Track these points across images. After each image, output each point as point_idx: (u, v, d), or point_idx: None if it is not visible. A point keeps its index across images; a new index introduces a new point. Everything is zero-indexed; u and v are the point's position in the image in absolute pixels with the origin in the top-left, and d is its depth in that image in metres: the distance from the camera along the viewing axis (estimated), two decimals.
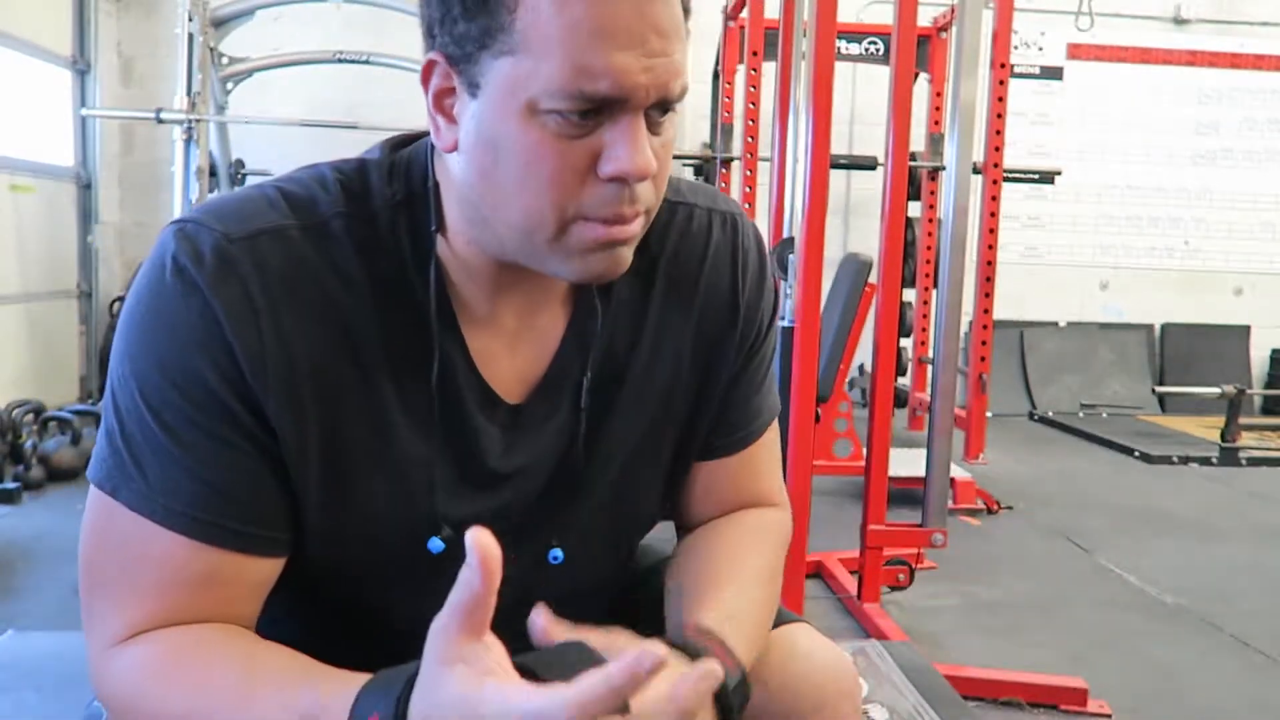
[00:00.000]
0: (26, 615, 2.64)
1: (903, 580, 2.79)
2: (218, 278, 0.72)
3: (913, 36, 2.58)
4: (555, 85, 0.67)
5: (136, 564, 0.74)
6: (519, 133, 0.69)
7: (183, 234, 0.74)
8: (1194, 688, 2.46)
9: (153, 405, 0.73)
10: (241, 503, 0.74)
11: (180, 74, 4.96)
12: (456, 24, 0.70)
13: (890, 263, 2.57)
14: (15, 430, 4.00)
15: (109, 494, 0.74)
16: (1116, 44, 6.67)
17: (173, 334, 0.72)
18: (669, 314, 0.88)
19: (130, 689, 0.74)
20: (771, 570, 0.93)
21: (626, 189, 0.71)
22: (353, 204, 0.78)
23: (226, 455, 0.73)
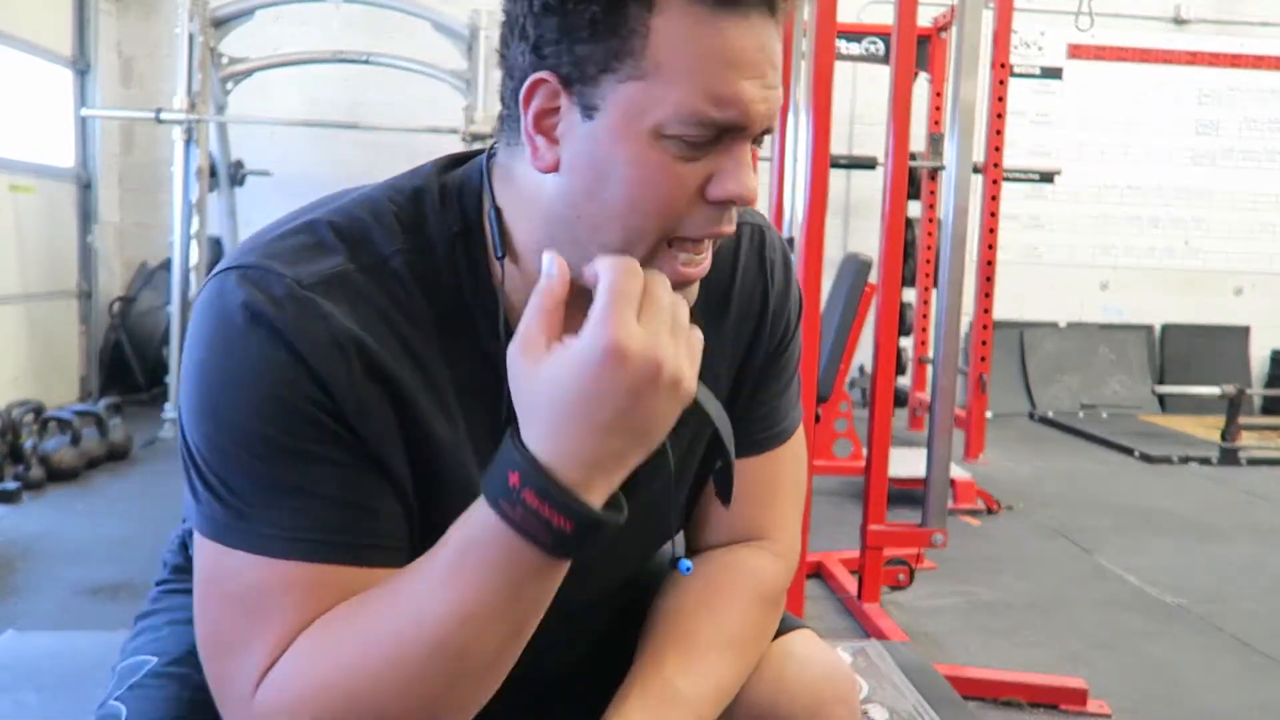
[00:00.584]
0: (26, 615, 2.64)
1: (903, 580, 2.79)
2: (300, 322, 0.71)
3: (913, 36, 2.59)
4: (685, 112, 0.69)
5: (271, 601, 0.71)
6: (638, 155, 0.71)
7: (248, 280, 0.73)
8: (1194, 688, 2.46)
9: (258, 451, 0.71)
10: (367, 515, 0.74)
11: (180, 74, 4.96)
12: (578, 46, 0.70)
13: (890, 263, 2.57)
14: (15, 430, 4.00)
15: (230, 546, 0.72)
16: (1116, 44, 6.68)
17: (260, 378, 0.71)
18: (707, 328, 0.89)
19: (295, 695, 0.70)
20: (748, 630, 0.90)
21: (726, 210, 0.75)
22: (409, 237, 0.78)
23: (342, 473, 0.73)
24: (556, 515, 0.66)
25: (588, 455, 0.66)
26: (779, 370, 0.95)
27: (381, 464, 0.75)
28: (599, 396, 0.65)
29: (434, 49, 5.39)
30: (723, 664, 0.86)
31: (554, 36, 0.70)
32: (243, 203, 5.76)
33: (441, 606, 0.68)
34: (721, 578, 0.91)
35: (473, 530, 0.68)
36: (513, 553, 0.67)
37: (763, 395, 0.95)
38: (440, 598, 0.68)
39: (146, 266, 5.99)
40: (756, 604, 0.91)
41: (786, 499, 0.98)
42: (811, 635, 0.98)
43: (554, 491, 0.65)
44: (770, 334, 0.93)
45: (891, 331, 2.64)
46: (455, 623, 0.68)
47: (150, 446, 4.62)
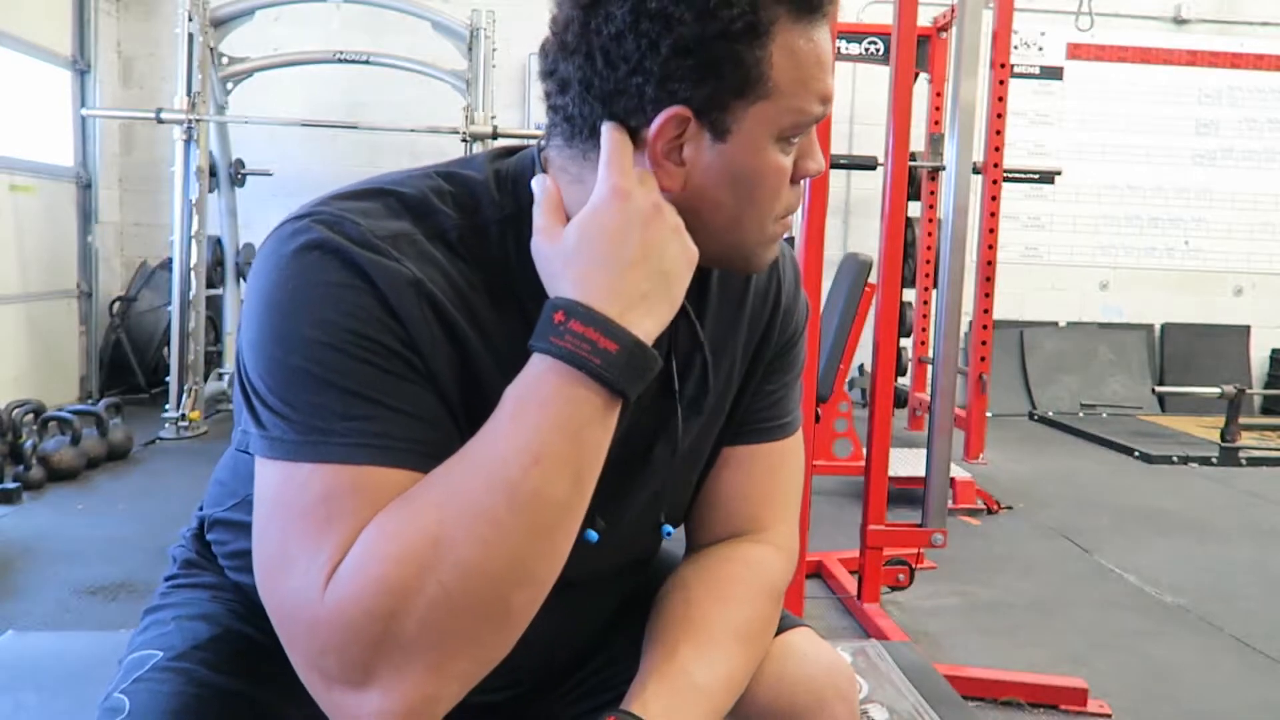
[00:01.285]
0: (26, 615, 2.64)
1: (903, 580, 2.79)
2: (377, 261, 0.75)
3: (913, 36, 2.59)
4: (803, 115, 0.81)
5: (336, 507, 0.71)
6: (767, 160, 0.81)
7: (324, 224, 0.76)
8: (1194, 688, 2.46)
9: (328, 364, 0.73)
10: (427, 424, 0.76)
11: (180, 74, 4.97)
12: (708, 81, 0.78)
13: (890, 263, 2.57)
14: (15, 430, 4.00)
15: (301, 461, 0.72)
16: (1116, 44, 6.68)
17: (338, 303, 0.74)
18: (723, 319, 0.96)
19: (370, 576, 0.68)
20: (755, 624, 0.91)
21: (802, 184, 0.87)
22: (466, 217, 0.83)
23: (404, 387, 0.75)
24: (602, 337, 0.72)
25: (617, 289, 0.74)
26: (786, 365, 1.01)
27: (444, 397, 0.78)
28: (614, 231, 0.75)
29: (434, 49, 5.39)
30: (735, 654, 0.88)
31: (688, 75, 0.77)
32: (243, 203, 5.76)
33: (510, 452, 0.71)
34: (727, 571, 0.93)
35: (527, 378, 0.73)
36: (567, 384, 0.72)
37: (769, 386, 0.99)
38: (507, 445, 0.71)
39: (146, 266, 5.99)
40: (761, 598, 0.93)
41: (787, 494, 1.01)
42: (811, 633, 0.99)
43: (598, 317, 0.73)
44: (781, 330, 0.99)
45: (891, 331, 2.64)
46: (527, 462, 0.70)
47: (150, 446, 4.62)
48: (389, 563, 0.68)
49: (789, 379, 1.02)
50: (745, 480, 0.98)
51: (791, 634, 0.97)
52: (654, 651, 0.86)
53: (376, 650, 0.67)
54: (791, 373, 1.02)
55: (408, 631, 0.67)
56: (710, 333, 0.94)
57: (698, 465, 0.97)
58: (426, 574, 0.67)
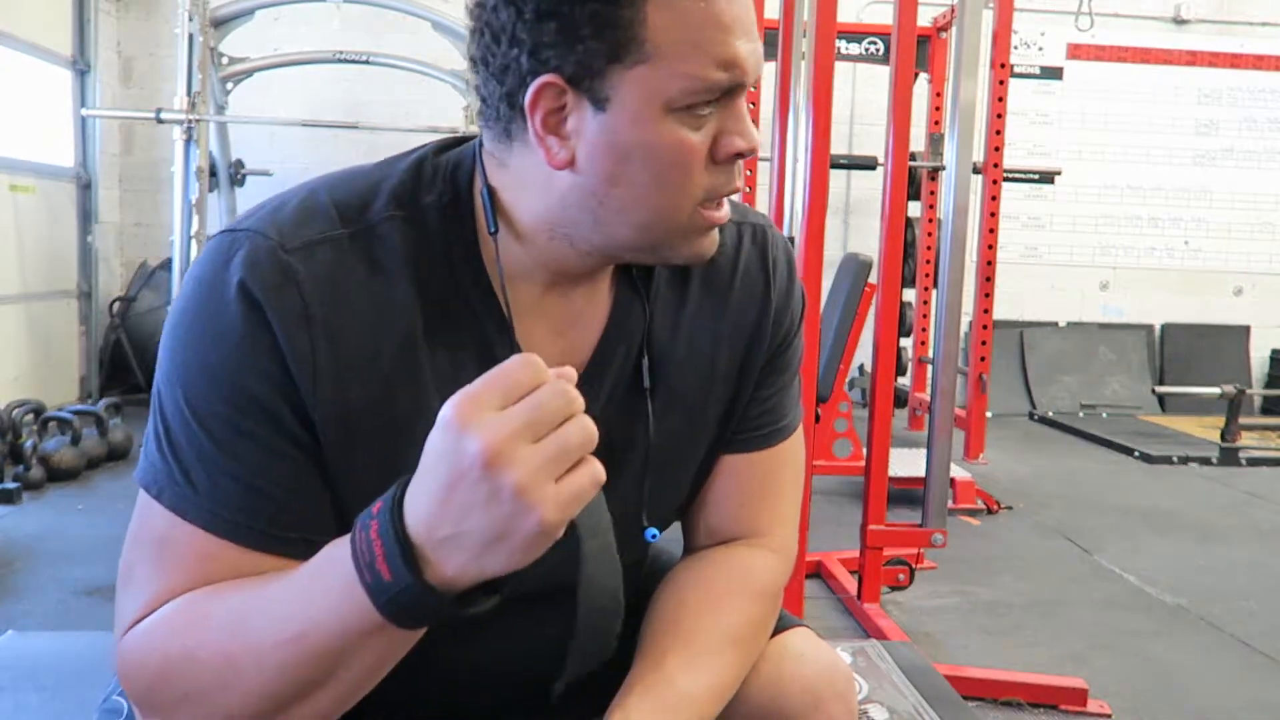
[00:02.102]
0: (26, 615, 2.64)
1: (903, 580, 2.79)
2: (273, 288, 0.73)
3: (913, 36, 2.59)
4: (694, 81, 0.73)
5: (170, 555, 0.74)
6: (657, 134, 0.74)
7: (236, 242, 0.75)
8: (1194, 688, 2.46)
9: (199, 413, 0.74)
10: (287, 508, 0.75)
11: (180, 74, 4.96)
12: (581, 44, 0.72)
13: (890, 263, 2.57)
14: (15, 430, 4.00)
15: (154, 498, 0.75)
16: (1116, 44, 6.68)
17: (222, 342, 0.73)
18: (703, 316, 0.91)
19: (143, 653, 0.73)
20: (748, 629, 0.90)
21: (734, 166, 0.78)
22: (402, 208, 0.80)
23: (273, 462, 0.74)
24: (383, 556, 0.63)
25: (426, 517, 0.63)
26: (782, 367, 0.97)
27: (318, 455, 0.76)
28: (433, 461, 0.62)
29: (434, 49, 5.39)
30: (724, 662, 0.86)
31: (554, 39, 0.72)
32: (243, 203, 5.75)
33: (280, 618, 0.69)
34: (720, 575, 0.92)
35: (340, 542, 0.68)
36: (346, 583, 0.65)
37: (765, 391, 0.95)
38: (284, 610, 0.69)
39: (146, 266, 5.99)
40: (755, 601, 0.92)
41: (784, 497, 0.99)
42: (809, 633, 0.98)
43: (389, 532, 0.63)
44: (773, 332, 0.94)
45: (891, 331, 2.64)
46: (284, 638, 0.68)
47: None
48: (156, 656, 0.72)
49: (784, 380, 0.98)
50: (740, 487, 0.96)
51: (789, 634, 0.96)
52: (641, 659, 0.85)
53: (141, 704, 0.75)
54: (787, 373, 0.98)
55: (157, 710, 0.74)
56: (689, 329, 0.90)
57: (682, 467, 0.94)
58: (173, 685, 0.72)
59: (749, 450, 0.95)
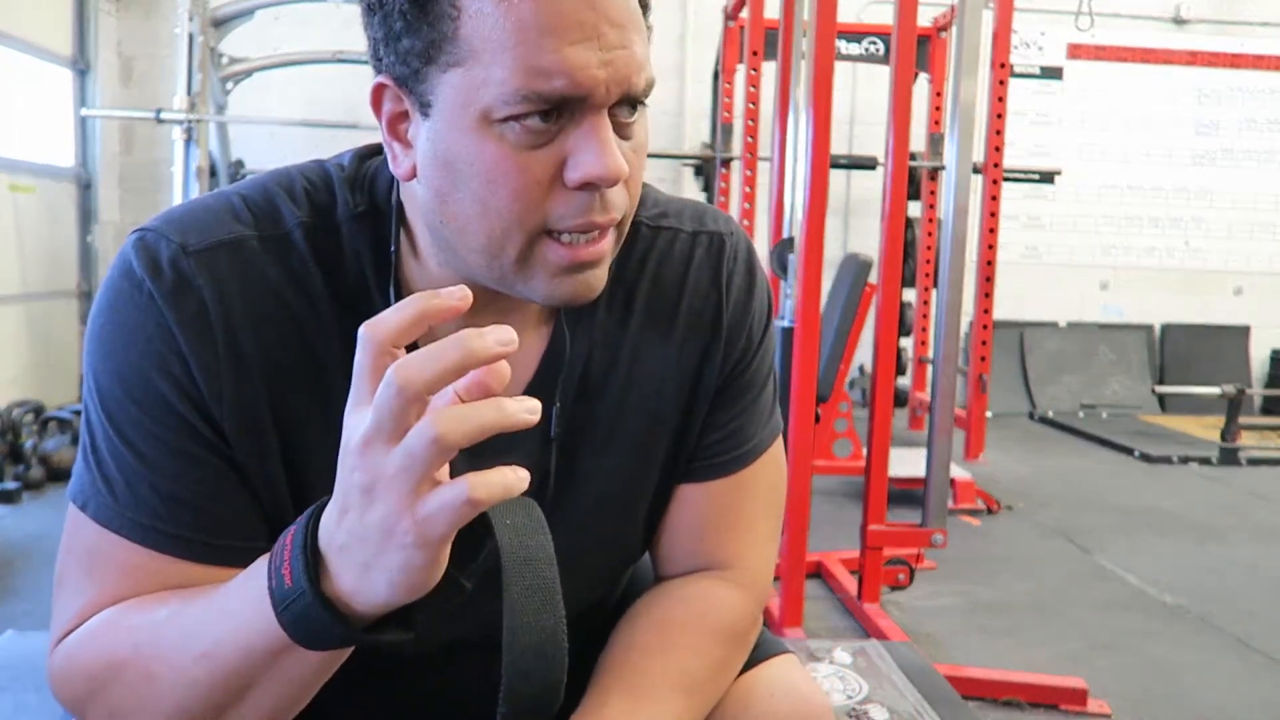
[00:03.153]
0: (26, 615, 2.64)
1: (903, 580, 2.79)
2: (174, 291, 0.70)
3: (913, 36, 2.58)
4: (509, 89, 0.64)
5: (98, 567, 0.73)
6: (476, 148, 0.66)
7: (142, 244, 0.73)
8: (1194, 688, 2.46)
9: (115, 419, 0.71)
10: (209, 514, 0.72)
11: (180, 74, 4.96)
12: (400, 40, 0.66)
13: (890, 263, 2.57)
14: (15, 430, 4.00)
15: (79, 508, 0.73)
16: (1116, 44, 6.68)
17: (130, 347, 0.71)
18: (648, 341, 0.84)
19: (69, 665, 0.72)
20: (704, 672, 0.83)
21: (597, 196, 0.67)
22: (316, 214, 0.76)
23: (189, 468, 0.71)
24: (288, 562, 0.61)
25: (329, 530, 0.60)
26: (741, 389, 0.88)
27: (236, 460, 0.73)
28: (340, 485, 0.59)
29: None
30: (672, 706, 0.79)
31: (380, 36, 0.68)
32: None
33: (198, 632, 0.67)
34: (675, 611, 0.85)
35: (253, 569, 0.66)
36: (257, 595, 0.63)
37: (721, 417, 0.87)
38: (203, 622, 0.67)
39: None
40: (715, 641, 0.84)
41: (754, 524, 0.90)
42: (789, 662, 0.92)
43: (299, 540, 0.61)
44: (726, 353, 0.86)
45: (891, 331, 2.64)
46: (198, 652, 0.66)
47: None
48: (82, 671, 0.72)
49: (745, 403, 0.88)
50: (700, 518, 0.88)
51: (763, 668, 0.89)
52: (586, 700, 0.79)
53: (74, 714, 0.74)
54: (749, 394, 0.88)
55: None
56: (630, 358, 0.83)
57: (634, 502, 0.86)
58: (99, 699, 0.71)
59: (707, 479, 0.87)
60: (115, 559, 0.72)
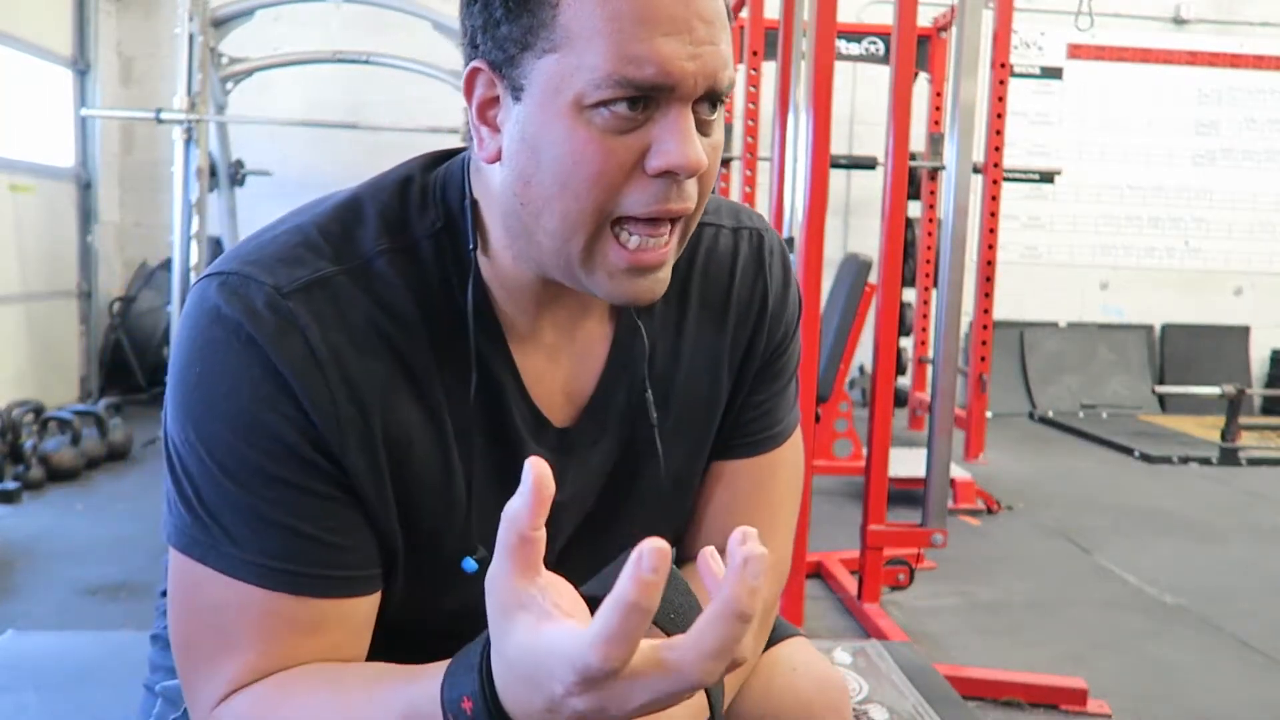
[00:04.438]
0: (26, 615, 2.64)
1: (903, 580, 2.79)
2: (278, 334, 0.70)
3: (913, 36, 2.59)
4: (601, 75, 0.66)
5: (234, 625, 0.72)
6: (565, 131, 0.68)
7: (229, 289, 0.72)
8: (1194, 688, 2.46)
9: (228, 467, 0.71)
10: (333, 547, 0.73)
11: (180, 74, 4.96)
12: (499, 27, 0.69)
13: (890, 263, 2.57)
14: (15, 430, 4.00)
15: (197, 560, 0.72)
16: (1116, 44, 6.68)
17: (236, 393, 0.70)
18: (704, 330, 0.88)
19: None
20: None
21: (674, 185, 0.70)
22: (393, 237, 0.76)
23: (313, 504, 0.72)
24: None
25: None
26: (778, 371, 0.93)
27: (356, 492, 0.74)
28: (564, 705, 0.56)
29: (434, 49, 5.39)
30: None
31: (480, 24, 0.71)
32: (243, 203, 5.76)
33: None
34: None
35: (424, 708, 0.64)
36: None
37: (759, 396, 0.92)
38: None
39: (146, 266, 5.99)
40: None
41: (779, 504, 0.95)
42: (804, 643, 0.96)
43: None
44: (769, 335, 0.91)
45: (891, 331, 2.64)
46: None
47: (150, 446, 4.62)
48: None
49: (780, 385, 0.94)
50: (732, 496, 0.92)
51: (782, 646, 0.93)
52: None
53: None
54: (782, 379, 0.94)
55: None
56: (690, 350, 0.88)
57: (691, 486, 0.91)
58: None
59: (743, 456, 0.92)
60: (248, 611, 0.71)
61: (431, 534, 0.79)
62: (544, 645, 0.56)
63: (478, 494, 0.79)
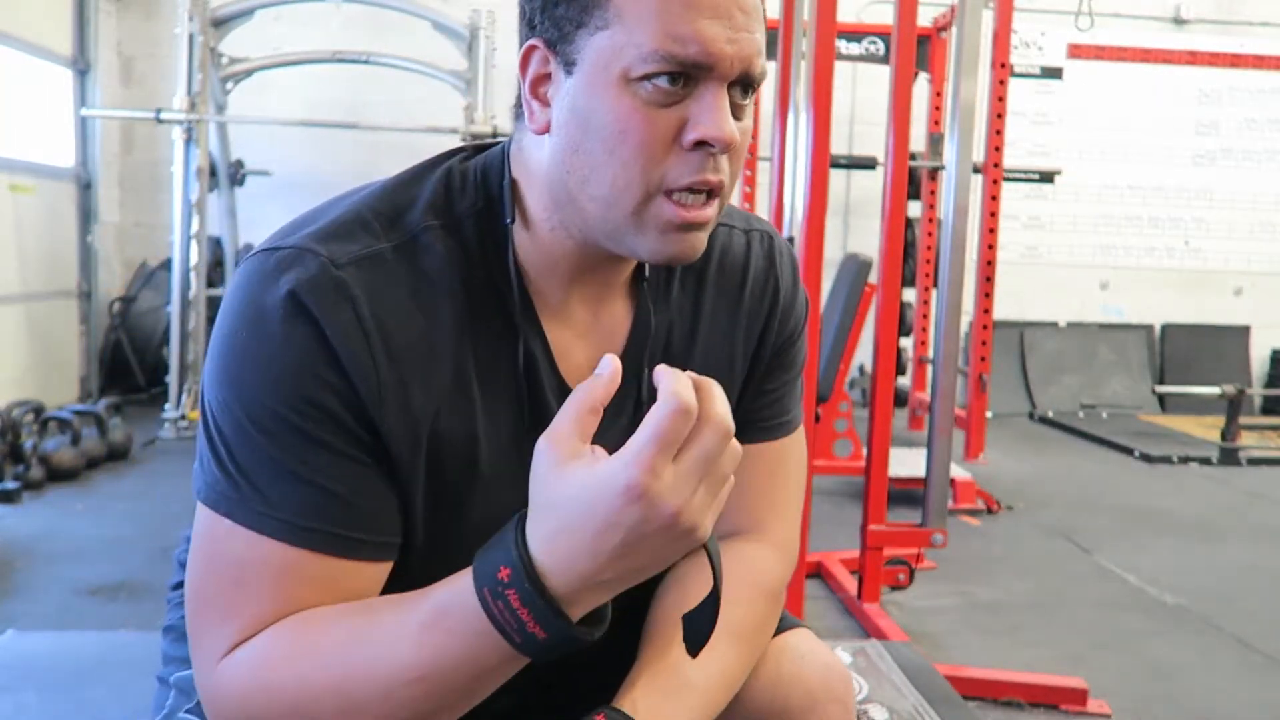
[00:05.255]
0: (26, 615, 2.64)
1: (903, 580, 2.79)
2: (329, 303, 0.74)
3: (913, 36, 2.59)
4: (648, 50, 0.72)
5: (253, 580, 0.75)
6: (613, 101, 0.74)
7: (284, 260, 0.76)
8: (1194, 688, 2.46)
9: (266, 427, 0.74)
10: (360, 510, 0.76)
11: (180, 74, 4.96)
12: (556, 7, 0.75)
13: (890, 263, 2.57)
14: (15, 430, 4.00)
15: (224, 515, 0.75)
16: (1116, 44, 6.68)
17: (283, 359, 0.74)
18: (719, 315, 0.94)
19: (246, 684, 0.74)
20: (751, 623, 0.90)
21: (710, 158, 0.76)
22: (438, 216, 0.81)
23: (344, 466, 0.75)
24: (534, 622, 0.67)
25: (582, 572, 0.67)
26: (787, 364, 0.99)
27: (390, 460, 0.77)
28: (608, 527, 0.66)
29: (434, 49, 5.39)
30: (730, 652, 0.86)
31: (540, 5, 0.77)
32: (243, 203, 5.76)
33: (400, 659, 0.71)
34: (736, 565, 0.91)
35: (455, 599, 0.70)
36: (482, 638, 0.69)
37: (771, 385, 0.98)
38: (403, 650, 0.71)
39: (146, 266, 5.99)
40: (759, 597, 0.92)
41: (788, 492, 0.99)
42: (809, 634, 0.98)
43: (537, 601, 0.67)
44: (780, 327, 0.97)
45: (891, 331, 2.64)
46: (409, 678, 0.70)
47: (150, 446, 4.62)
48: (267, 687, 0.73)
49: (789, 377, 1.00)
50: (745, 481, 0.91)
51: (789, 635, 0.96)
52: (647, 649, 0.86)
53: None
54: (792, 371, 1.00)
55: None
56: (706, 334, 0.93)
57: None
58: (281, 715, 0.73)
59: (755, 442, 0.96)
60: (270, 565, 0.74)
61: (453, 505, 0.82)
62: (604, 466, 0.66)
63: (502, 466, 0.83)
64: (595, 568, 0.67)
